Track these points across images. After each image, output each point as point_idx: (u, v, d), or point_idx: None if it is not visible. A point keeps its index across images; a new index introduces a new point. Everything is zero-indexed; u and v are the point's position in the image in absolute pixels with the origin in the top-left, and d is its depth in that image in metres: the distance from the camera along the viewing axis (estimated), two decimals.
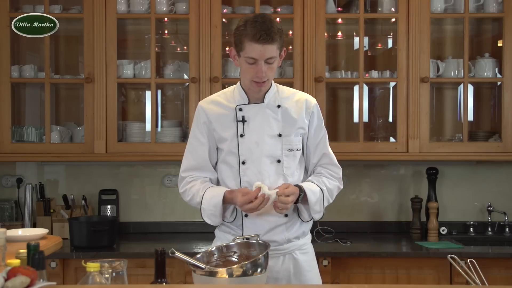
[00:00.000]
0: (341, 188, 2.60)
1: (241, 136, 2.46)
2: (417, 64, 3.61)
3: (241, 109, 2.48)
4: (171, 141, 3.69)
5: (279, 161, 2.46)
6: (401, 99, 3.64)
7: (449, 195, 3.94)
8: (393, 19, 3.73)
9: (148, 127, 3.74)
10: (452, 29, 3.97)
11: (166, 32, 3.96)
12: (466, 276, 2.03)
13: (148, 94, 3.84)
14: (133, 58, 3.83)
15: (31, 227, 3.59)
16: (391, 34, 3.93)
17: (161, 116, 3.89)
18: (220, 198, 2.40)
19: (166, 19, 3.83)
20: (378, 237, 3.75)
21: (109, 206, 3.83)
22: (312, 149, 2.55)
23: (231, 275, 1.94)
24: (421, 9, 3.60)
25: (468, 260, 2.11)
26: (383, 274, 3.33)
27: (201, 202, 2.44)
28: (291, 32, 3.66)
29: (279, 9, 3.75)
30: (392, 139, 3.76)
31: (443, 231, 3.74)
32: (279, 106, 2.49)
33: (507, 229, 3.81)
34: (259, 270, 2.01)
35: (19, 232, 2.65)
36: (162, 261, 1.80)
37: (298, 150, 2.51)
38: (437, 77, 3.72)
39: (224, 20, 3.69)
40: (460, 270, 2.05)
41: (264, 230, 2.43)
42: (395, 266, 3.34)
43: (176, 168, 3.88)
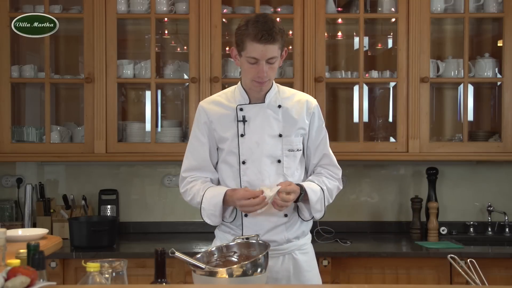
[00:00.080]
0: (341, 188, 2.61)
1: (242, 136, 2.46)
2: (417, 64, 3.61)
3: (241, 109, 2.48)
4: (171, 141, 3.69)
5: (279, 161, 2.47)
6: (401, 99, 3.64)
7: (449, 195, 3.94)
8: (393, 19, 3.73)
9: (148, 127, 3.74)
10: (452, 29, 3.97)
11: (166, 32, 3.96)
12: (466, 276, 2.03)
13: (148, 94, 3.84)
14: (133, 58, 3.83)
15: (31, 227, 3.59)
16: (391, 34, 3.93)
17: (161, 116, 3.89)
18: (220, 198, 2.40)
19: (166, 19, 3.83)
20: (378, 237, 3.75)
21: (109, 206, 3.83)
22: (313, 150, 2.55)
23: (231, 275, 1.94)
24: (421, 9, 3.60)
25: (468, 260, 2.11)
26: (383, 274, 3.33)
27: (201, 202, 2.44)
28: (291, 32, 3.65)
29: (279, 9, 3.75)
30: (392, 139, 3.76)
31: (443, 231, 3.74)
32: (279, 106, 2.49)
33: (507, 229, 3.81)
34: (259, 270, 2.01)
35: (19, 232, 2.65)
36: (162, 261, 1.80)
37: (298, 150, 2.51)
38: (437, 77, 3.72)
39: (224, 20, 3.69)
40: (460, 270, 2.05)
41: (264, 230, 2.43)
42: (395, 266, 3.34)
43: (176, 168, 3.91)
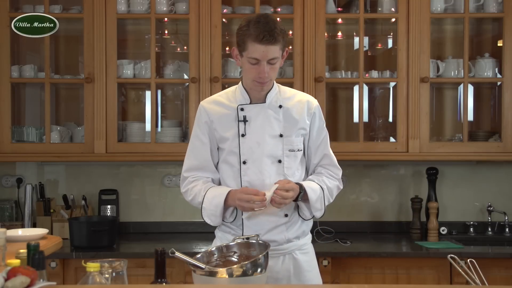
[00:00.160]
0: (341, 188, 2.61)
1: (242, 136, 2.46)
2: (417, 64, 3.61)
3: (242, 109, 2.48)
4: (171, 141, 3.69)
5: (280, 161, 2.46)
6: (401, 99, 3.64)
7: (449, 195, 3.94)
8: (393, 19, 3.73)
9: (148, 127, 3.74)
10: (452, 29, 3.97)
11: (166, 32, 3.96)
12: (466, 276, 2.03)
13: (148, 94, 3.84)
14: (133, 58, 3.83)
15: (31, 227, 3.59)
16: (391, 34, 3.93)
17: (161, 116, 3.89)
18: (221, 199, 2.40)
19: (166, 19, 3.83)
20: (378, 237, 3.75)
21: (109, 206, 3.83)
22: (313, 150, 2.55)
23: (231, 275, 1.94)
24: (421, 9, 3.60)
25: (468, 260, 2.11)
26: (383, 274, 3.33)
27: (203, 202, 2.44)
28: (291, 32, 3.65)
29: (279, 9, 3.75)
30: (392, 139, 3.76)
31: (443, 231, 3.74)
32: (280, 106, 2.49)
33: (507, 229, 3.81)
34: (259, 270, 2.01)
35: (19, 232, 2.65)
36: (162, 261, 1.80)
37: (299, 150, 2.51)
38: (437, 77, 3.72)
39: (224, 20, 3.69)
40: (460, 270, 2.05)
41: (265, 230, 2.43)
42: (395, 266, 3.34)
43: (176, 168, 3.92)
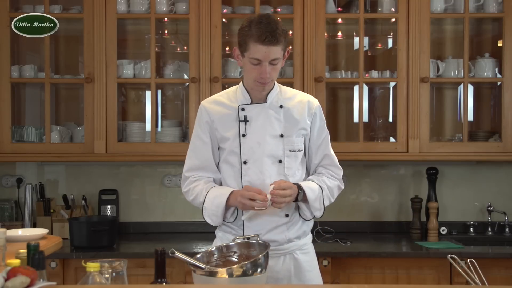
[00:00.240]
0: (342, 188, 2.61)
1: (243, 135, 2.46)
2: (417, 64, 3.61)
3: (243, 109, 2.48)
4: (171, 141, 3.69)
5: (280, 161, 2.46)
6: (401, 99, 3.64)
7: (449, 195, 3.94)
8: (393, 19, 3.73)
9: (148, 127, 3.74)
10: (452, 29, 3.96)
11: (166, 32, 3.96)
12: (466, 276, 2.03)
13: (148, 94, 3.84)
14: (133, 58, 3.83)
15: (31, 227, 3.59)
16: (391, 34, 3.93)
17: (161, 116, 3.89)
18: (223, 199, 2.40)
19: (166, 19, 3.83)
20: (378, 237, 3.75)
21: (109, 206, 3.83)
22: (314, 150, 2.55)
23: (231, 275, 1.94)
24: (421, 9, 3.60)
25: (468, 260, 2.11)
26: (383, 274, 3.33)
27: (204, 202, 2.45)
28: (291, 32, 3.65)
29: (279, 9, 3.75)
30: (392, 139, 3.76)
31: (443, 231, 3.74)
32: (281, 106, 2.49)
33: (507, 229, 3.80)
34: (259, 270, 2.01)
35: (19, 232, 2.65)
36: (162, 261, 1.80)
37: (299, 150, 2.51)
38: (437, 77, 3.72)
39: (224, 20, 3.69)
40: (460, 270, 2.05)
41: (265, 230, 2.43)
42: (395, 266, 3.34)
43: (176, 168, 3.92)
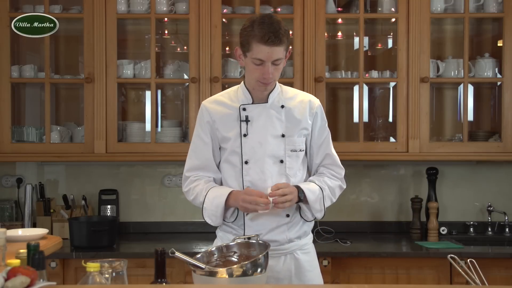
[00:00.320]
0: (344, 188, 2.60)
1: (245, 135, 2.46)
2: (417, 64, 3.61)
3: (244, 109, 2.48)
4: (171, 141, 3.69)
5: (282, 161, 2.46)
6: (401, 99, 3.64)
7: (449, 195, 3.94)
8: (393, 19, 3.73)
9: (148, 127, 3.74)
10: (452, 29, 3.96)
11: (166, 32, 3.96)
12: (466, 276, 2.03)
13: (148, 94, 3.83)
14: (133, 58, 3.83)
15: (31, 227, 3.59)
16: (391, 34, 3.93)
17: (161, 116, 3.89)
18: (222, 199, 2.40)
19: (166, 19, 3.83)
20: (378, 237, 3.75)
21: (109, 206, 3.83)
22: (315, 150, 2.55)
23: (231, 275, 1.94)
24: (421, 9, 3.60)
25: (468, 260, 2.11)
26: (383, 274, 3.33)
27: (204, 202, 2.45)
28: (291, 32, 3.65)
29: (279, 9, 3.74)
30: (392, 139, 3.76)
31: (443, 231, 3.74)
32: (282, 106, 2.49)
33: (507, 229, 3.80)
34: (259, 270, 2.01)
35: (19, 232, 2.65)
36: (162, 261, 1.80)
37: (301, 150, 2.51)
38: (437, 77, 3.72)
39: (224, 20, 3.69)
40: (460, 270, 2.05)
41: (266, 230, 2.44)
42: (395, 266, 3.34)
43: (176, 168, 3.92)
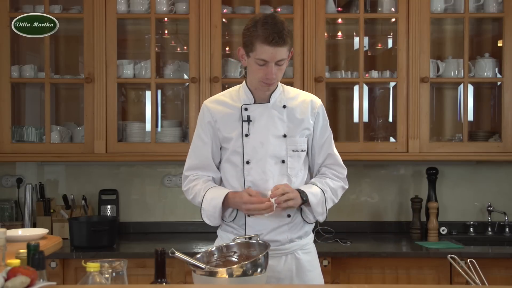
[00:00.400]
0: (346, 188, 2.60)
1: (246, 135, 2.46)
2: (417, 64, 3.61)
3: (246, 109, 2.48)
4: (171, 141, 3.69)
5: (283, 161, 2.46)
6: (401, 99, 3.64)
7: (449, 195, 3.94)
8: (393, 19, 3.73)
9: (148, 127, 3.74)
10: (452, 29, 3.96)
11: (166, 32, 3.96)
12: (466, 276, 2.03)
13: (148, 94, 3.83)
14: (133, 58, 3.83)
15: (31, 227, 3.59)
16: (391, 34, 3.93)
17: (161, 116, 3.89)
18: (220, 201, 2.40)
19: (166, 19, 3.83)
20: (378, 237, 3.75)
21: (109, 206, 3.83)
22: (317, 150, 2.55)
23: (231, 275, 1.94)
24: (421, 9, 3.60)
25: (468, 260, 2.11)
26: (383, 274, 3.33)
27: (202, 202, 2.45)
28: None
29: (279, 9, 3.74)
30: (392, 139, 3.76)
31: (443, 231, 3.74)
32: (284, 106, 2.49)
33: (507, 229, 3.80)
34: (259, 270, 2.01)
35: (19, 232, 2.65)
36: (162, 261, 1.80)
37: (302, 151, 2.51)
38: (437, 77, 3.72)
39: (224, 20, 3.69)
40: (460, 270, 2.05)
41: (267, 230, 2.44)
42: (395, 266, 3.34)
43: (176, 168, 3.92)
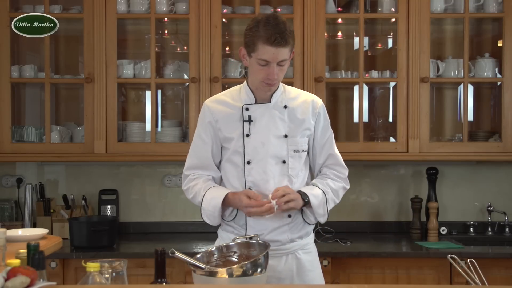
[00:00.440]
0: (347, 188, 2.60)
1: (247, 135, 2.46)
2: (417, 64, 3.61)
3: (247, 109, 2.47)
4: (171, 141, 3.69)
5: (284, 161, 2.46)
6: (401, 99, 3.64)
7: (449, 195, 3.94)
8: (393, 19, 3.73)
9: (148, 127, 3.74)
10: (452, 29, 3.96)
11: (166, 32, 3.96)
12: (466, 276, 2.03)
13: (148, 94, 3.83)
14: (133, 58, 3.83)
15: (31, 227, 3.59)
16: (391, 34, 3.93)
17: (161, 116, 3.89)
18: (219, 201, 2.40)
19: (166, 19, 3.83)
20: (378, 237, 3.75)
21: (109, 206, 3.83)
22: (318, 150, 2.55)
23: (231, 275, 1.94)
24: (421, 9, 3.60)
25: (468, 260, 2.11)
26: (383, 274, 3.33)
27: (202, 202, 2.45)
28: None
29: (279, 9, 3.74)
30: (392, 139, 3.76)
31: (443, 231, 3.74)
32: (285, 106, 2.49)
33: (507, 229, 3.80)
34: (259, 270, 2.01)
35: (19, 232, 2.64)
36: (162, 261, 1.80)
37: (303, 151, 2.50)
38: (437, 77, 3.72)
39: (224, 20, 3.69)
40: (460, 270, 2.05)
41: (268, 230, 2.44)
42: (395, 266, 3.34)
43: (176, 168, 3.92)
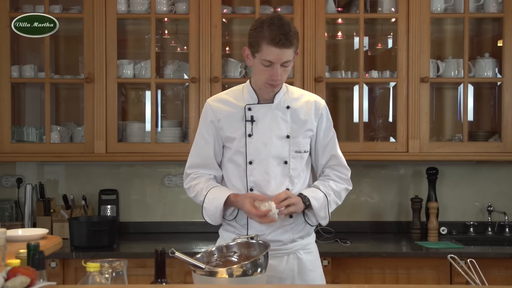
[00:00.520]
0: (350, 189, 2.60)
1: (249, 136, 2.45)
2: (417, 64, 3.61)
3: (250, 109, 2.47)
4: (171, 141, 3.69)
5: (286, 162, 2.46)
6: (401, 99, 3.64)
7: (449, 195, 3.94)
8: (393, 19, 3.73)
9: (148, 127, 3.74)
10: (452, 29, 3.97)
11: (166, 32, 3.96)
12: (466, 276, 2.03)
13: (148, 94, 3.84)
14: (133, 58, 3.83)
15: (31, 227, 3.59)
16: (391, 34, 3.93)
17: (161, 116, 3.89)
18: (221, 201, 2.40)
19: (166, 19, 3.83)
20: (378, 237, 3.75)
21: (109, 206, 3.83)
22: (321, 151, 2.55)
23: (231, 275, 1.94)
24: (421, 9, 3.60)
25: (468, 260, 2.11)
26: (383, 274, 3.33)
27: (203, 201, 2.45)
28: None
29: (279, 9, 3.74)
30: (392, 139, 3.76)
31: (443, 231, 3.74)
32: (288, 107, 2.49)
33: (507, 229, 3.81)
34: (259, 270, 2.01)
35: (19, 232, 2.65)
36: (162, 261, 1.80)
37: (305, 152, 2.50)
38: (437, 77, 3.72)
39: (224, 20, 3.69)
40: (460, 270, 2.05)
41: (269, 230, 2.44)
42: (395, 266, 3.34)
43: (176, 168, 3.92)
